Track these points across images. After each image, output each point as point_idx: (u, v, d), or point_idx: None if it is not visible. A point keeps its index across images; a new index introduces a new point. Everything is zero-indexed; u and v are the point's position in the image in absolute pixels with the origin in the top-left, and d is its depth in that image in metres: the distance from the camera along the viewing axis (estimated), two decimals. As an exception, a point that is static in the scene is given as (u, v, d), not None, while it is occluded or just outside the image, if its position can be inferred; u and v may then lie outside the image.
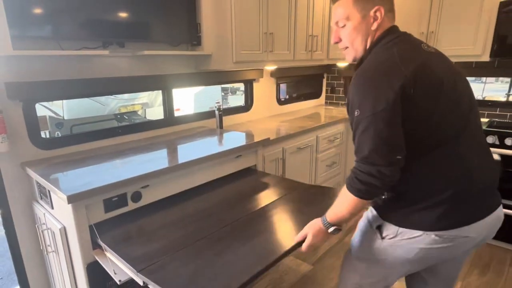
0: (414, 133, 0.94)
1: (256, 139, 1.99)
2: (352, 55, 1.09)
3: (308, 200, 1.53)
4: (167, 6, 1.94)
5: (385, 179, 0.92)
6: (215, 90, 6.52)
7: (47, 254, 1.61)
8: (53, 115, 5.30)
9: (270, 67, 2.90)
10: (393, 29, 1.04)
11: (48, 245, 1.52)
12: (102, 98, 5.43)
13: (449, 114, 0.96)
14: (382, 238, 1.08)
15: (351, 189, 0.97)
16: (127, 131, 2.03)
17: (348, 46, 1.08)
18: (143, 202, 1.44)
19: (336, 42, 1.10)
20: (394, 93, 0.89)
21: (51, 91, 1.63)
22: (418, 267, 1.10)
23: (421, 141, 0.96)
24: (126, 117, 5.91)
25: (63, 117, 5.24)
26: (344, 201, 1.00)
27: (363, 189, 0.95)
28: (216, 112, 2.44)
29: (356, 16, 1.02)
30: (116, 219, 1.36)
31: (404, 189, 1.00)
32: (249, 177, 1.87)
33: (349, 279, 1.21)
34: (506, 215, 2.37)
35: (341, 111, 3.28)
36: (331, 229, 1.07)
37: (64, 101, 5.07)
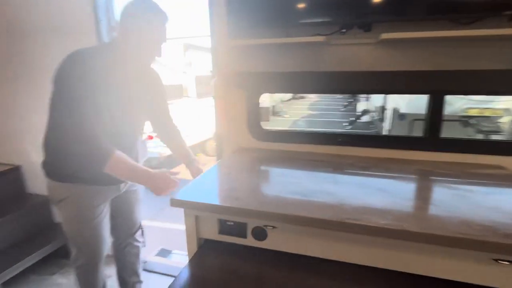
0: None
1: None
2: None
3: None
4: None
5: None
6: None
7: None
8: (394, 106, 5.30)
9: None
10: None
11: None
12: (447, 96, 4.66)
13: None
14: None
15: None
16: (352, 143, 1.54)
17: None
18: (268, 244, 1.05)
19: None
20: None
21: (278, 84, 1.52)
22: None
23: None
24: (475, 122, 4.77)
25: (399, 110, 5.10)
26: None
27: None
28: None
29: None
30: (232, 247, 1.09)
31: None
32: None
33: None
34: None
35: None
36: None
37: (405, 95, 4.84)
